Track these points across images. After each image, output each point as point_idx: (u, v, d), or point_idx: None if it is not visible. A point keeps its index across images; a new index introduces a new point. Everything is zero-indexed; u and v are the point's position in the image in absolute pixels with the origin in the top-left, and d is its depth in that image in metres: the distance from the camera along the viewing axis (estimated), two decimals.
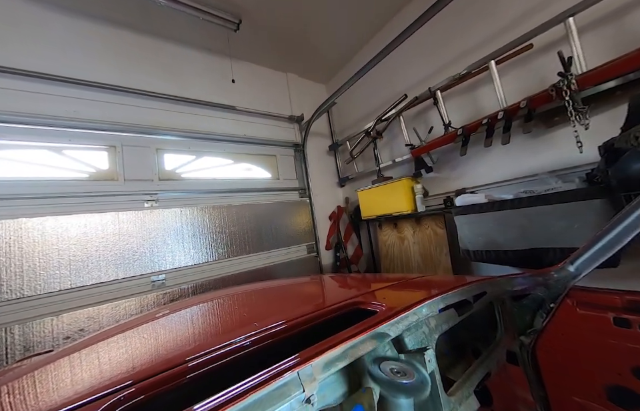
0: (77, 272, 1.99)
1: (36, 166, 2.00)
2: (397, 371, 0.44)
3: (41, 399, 0.58)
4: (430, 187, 2.62)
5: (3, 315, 1.74)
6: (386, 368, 0.44)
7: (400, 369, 0.44)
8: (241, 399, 0.39)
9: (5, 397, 0.63)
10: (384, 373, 0.43)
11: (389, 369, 0.44)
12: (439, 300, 0.75)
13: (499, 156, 2.10)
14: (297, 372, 0.45)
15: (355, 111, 3.51)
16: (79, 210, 2.06)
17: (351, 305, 0.85)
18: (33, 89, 2.02)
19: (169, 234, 2.40)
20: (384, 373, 0.43)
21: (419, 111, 2.65)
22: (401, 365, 0.45)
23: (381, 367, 0.44)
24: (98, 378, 0.62)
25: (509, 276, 1.00)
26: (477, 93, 2.21)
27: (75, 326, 1.92)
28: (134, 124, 2.39)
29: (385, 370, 0.44)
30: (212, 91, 2.90)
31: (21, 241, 1.84)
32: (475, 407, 0.77)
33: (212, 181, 2.79)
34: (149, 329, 0.95)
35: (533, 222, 1.62)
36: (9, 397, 0.63)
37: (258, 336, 0.69)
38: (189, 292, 2.41)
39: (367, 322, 0.63)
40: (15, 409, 0.57)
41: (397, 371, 0.44)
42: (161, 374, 0.56)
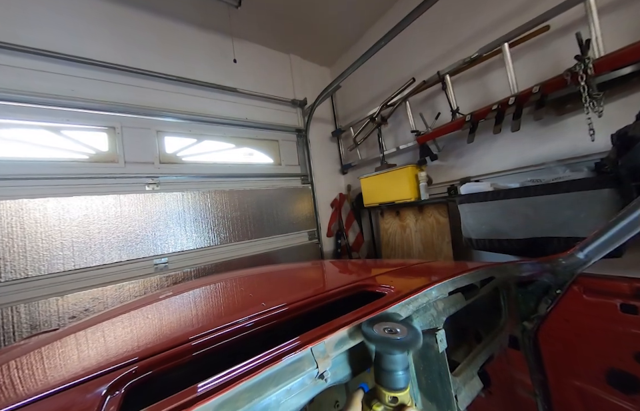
0: (80, 254, 1.99)
1: (36, 146, 1.97)
2: (389, 330, 0.46)
3: (49, 374, 0.58)
4: (434, 175, 2.59)
5: (9, 294, 1.75)
6: (380, 328, 0.46)
7: (392, 328, 0.46)
8: (255, 374, 0.39)
9: (14, 371, 0.63)
10: (377, 332, 0.45)
11: (382, 329, 0.46)
12: (448, 283, 0.75)
13: (507, 144, 2.07)
14: (310, 349, 0.45)
15: (360, 96, 3.42)
16: (80, 192, 2.04)
17: (357, 287, 0.85)
18: (31, 66, 1.95)
19: (170, 218, 2.39)
20: (378, 332, 0.45)
21: (426, 97, 2.59)
22: (393, 325, 0.47)
23: (374, 328, 0.46)
24: (106, 354, 0.62)
25: (516, 262, 1.00)
26: (487, 78, 2.15)
27: (80, 306, 1.94)
28: (133, 104, 2.34)
29: (379, 329, 0.46)
30: (213, 71, 2.82)
31: (23, 222, 1.83)
32: (478, 387, 0.79)
33: (213, 165, 2.76)
34: (156, 308, 0.95)
35: (538, 211, 1.61)
36: (18, 372, 0.63)
37: (266, 316, 0.69)
38: (192, 276, 2.43)
39: (378, 302, 0.63)
40: (25, 382, 0.57)
41: (390, 330, 0.46)
42: (172, 350, 0.56)
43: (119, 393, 0.44)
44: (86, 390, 0.46)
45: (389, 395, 0.41)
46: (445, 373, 0.60)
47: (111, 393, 0.44)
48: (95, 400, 0.42)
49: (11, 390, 0.54)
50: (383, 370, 0.42)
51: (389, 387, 0.41)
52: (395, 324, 0.47)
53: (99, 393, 0.44)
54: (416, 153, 2.61)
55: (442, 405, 0.62)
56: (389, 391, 0.41)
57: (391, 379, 0.41)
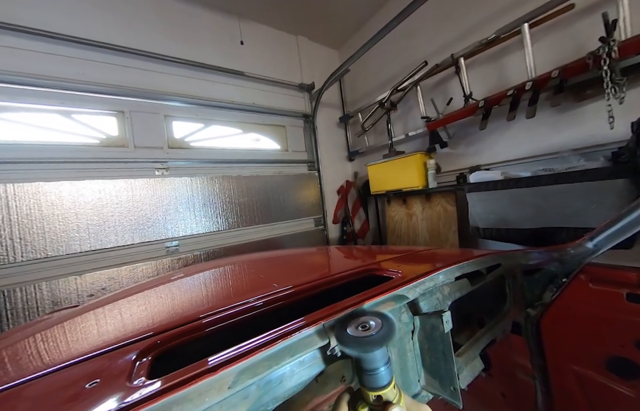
0: (96, 236, 2.07)
1: (49, 131, 2.01)
2: (363, 327, 0.43)
3: (83, 342, 0.63)
4: (443, 164, 2.56)
5: (31, 273, 1.85)
6: (353, 326, 0.44)
7: (365, 323, 0.44)
8: (273, 345, 0.42)
9: (40, 343, 0.69)
10: (350, 333, 0.42)
11: (355, 327, 0.43)
12: (455, 269, 0.76)
13: (520, 132, 2.02)
14: (323, 324, 0.47)
15: (369, 81, 3.34)
16: (92, 176, 2.10)
17: (366, 271, 0.87)
18: (38, 48, 1.96)
19: (180, 202, 2.45)
20: (350, 333, 0.43)
21: (438, 82, 2.51)
22: (365, 319, 0.44)
23: (347, 329, 0.43)
24: (130, 327, 0.66)
25: (524, 250, 1.00)
26: (503, 62, 2.07)
27: (98, 285, 2.04)
28: (141, 88, 2.35)
29: (352, 328, 0.43)
30: (220, 54, 2.79)
31: (40, 204, 1.90)
32: (479, 368, 0.83)
33: (221, 150, 2.78)
34: (174, 287, 1.00)
35: (549, 201, 1.59)
36: (44, 344, 0.69)
37: (279, 296, 0.72)
38: (201, 259, 2.51)
39: (387, 285, 0.66)
40: (63, 348, 0.62)
41: (363, 326, 0.43)
42: (191, 324, 0.60)
43: (147, 360, 0.48)
44: (117, 356, 0.50)
45: (373, 395, 0.40)
46: (448, 353, 0.63)
47: (140, 360, 0.48)
48: (127, 364, 0.46)
49: (52, 354, 0.59)
50: (363, 371, 0.40)
51: (371, 387, 0.40)
52: (367, 318, 0.45)
53: (129, 359, 0.48)
54: (425, 140, 2.57)
55: (445, 382, 0.65)
56: (373, 391, 0.40)
57: (372, 379, 0.40)
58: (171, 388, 0.34)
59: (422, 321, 0.69)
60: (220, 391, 0.36)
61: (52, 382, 0.46)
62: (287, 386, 0.46)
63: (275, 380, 0.44)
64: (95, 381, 0.42)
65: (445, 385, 0.66)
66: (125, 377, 0.42)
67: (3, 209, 1.78)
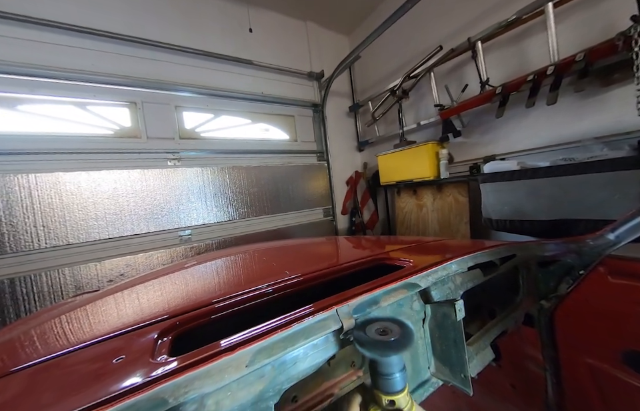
0: (113, 224, 2.15)
1: (66, 122, 2.08)
2: (381, 331, 0.44)
3: (107, 323, 0.67)
4: (456, 153, 2.49)
5: (55, 259, 1.95)
6: (372, 329, 0.44)
7: (384, 328, 0.44)
8: (288, 327, 0.43)
9: (69, 323, 0.73)
10: (369, 336, 0.43)
11: (374, 330, 0.44)
12: (468, 259, 0.75)
13: (539, 120, 1.93)
14: (336, 310, 0.48)
15: (380, 68, 3.25)
16: (108, 166, 2.16)
17: (376, 260, 0.87)
18: (57, 40, 2.01)
19: (192, 192, 2.50)
20: (369, 335, 0.43)
21: (453, 67, 2.42)
22: (384, 325, 0.45)
23: (366, 331, 0.44)
24: (150, 310, 0.69)
25: (540, 242, 0.98)
26: (524, 45, 1.96)
27: (116, 271, 2.13)
28: (152, 79, 2.37)
29: (371, 332, 0.44)
30: (229, 42, 2.77)
31: (61, 194, 1.98)
32: (490, 357, 0.83)
33: (231, 141, 2.80)
34: (192, 272, 1.03)
35: (568, 192, 1.54)
36: (72, 324, 0.73)
37: (292, 282, 0.74)
38: (213, 247, 2.57)
39: (398, 273, 0.66)
40: (78, 332, 0.66)
41: (382, 331, 0.44)
42: (209, 307, 0.62)
43: (167, 339, 0.51)
44: (140, 336, 0.53)
45: (386, 399, 0.40)
46: (460, 341, 0.63)
47: (161, 339, 0.51)
48: (149, 343, 0.48)
49: (80, 333, 0.63)
50: (379, 374, 0.41)
51: (386, 391, 0.40)
52: (385, 323, 0.45)
53: (151, 338, 0.50)
54: (438, 129, 2.50)
55: (455, 370, 0.66)
56: (386, 395, 0.40)
57: (387, 383, 0.40)
58: (193, 364, 0.36)
59: (433, 310, 0.69)
60: (238, 369, 0.38)
61: (82, 357, 0.49)
62: (300, 368, 0.47)
63: (289, 361, 0.46)
64: (120, 357, 0.44)
65: (455, 373, 0.66)
66: (149, 354, 0.44)
67: (26, 199, 1.87)
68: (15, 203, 1.84)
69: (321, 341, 0.49)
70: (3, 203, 1.81)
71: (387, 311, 0.62)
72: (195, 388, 0.35)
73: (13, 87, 1.88)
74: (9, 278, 1.81)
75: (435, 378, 0.71)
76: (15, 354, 0.58)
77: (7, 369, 0.47)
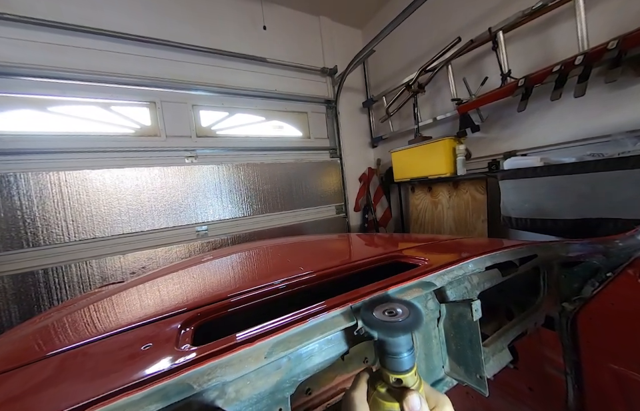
0: (135, 219, 2.26)
1: (91, 122, 2.19)
2: (389, 312, 0.43)
3: (132, 312, 0.71)
4: (474, 149, 2.41)
5: (83, 251, 2.09)
6: (380, 311, 0.44)
7: (392, 309, 0.44)
8: (305, 322, 0.44)
9: (98, 312, 0.78)
10: (378, 317, 0.43)
11: (382, 311, 0.44)
12: (486, 258, 0.73)
13: (564, 113, 1.83)
14: (350, 306, 0.49)
15: (395, 62, 3.18)
16: (130, 164, 2.27)
17: (390, 258, 0.87)
18: (83, 44, 2.12)
19: (208, 189, 2.58)
20: (377, 316, 0.43)
21: (472, 59, 2.33)
22: (392, 306, 0.44)
23: (374, 312, 0.44)
24: (172, 301, 0.73)
25: (564, 241, 0.93)
26: (549, 34, 1.85)
27: (138, 264, 2.25)
28: (170, 79, 2.45)
29: (379, 313, 0.44)
30: (243, 40, 2.81)
31: (87, 190, 2.10)
32: (507, 359, 0.80)
33: (245, 138, 2.85)
34: (211, 266, 1.08)
35: (596, 190, 1.46)
36: (101, 313, 0.78)
37: (304, 279, 0.75)
38: (228, 242, 2.64)
39: (413, 271, 0.65)
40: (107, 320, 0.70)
41: (390, 312, 0.43)
42: (228, 299, 0.65)
43: (190, 330, 0.54)
44: (164, 325, 0.56)
45: (393, 377, 0.40)
46: (476, 341, 0.62)
47: (184, 329, 0.54)
48: (173, 332, 0.51)
49: (109, 322, 0.67)
50: (386, 353, 0.41)
51: (393, 370, 0.40)
52: (393, 304, 0.45)
53: (175, 327, 0.53)
54: (455, 124, 2.42)
55: (470, 370, 0.65)
56: (393, 373, 0.40)
57: (395, 362, 0.40)
58: (215, 354, 0.38)
59: (449, 309, 0.68)
60: (257, 360, 0.40)
61: (112, 343, 0.53)
62: (315, 361, 0.48)
63: (305, 355, 0.47)
64: (148, 344, 0.47)
65: (470, 373, 0.65)
66: (173, 343, 0.47)
67: (57, 195, 2.00)
68: (47, 199, 1.97)
69: (336, 337, 0.50)
70: (37, 199, 1.95)
71: None
72: (217, 376, 0.37)
73: (45, 89, 2.01)
74: (43, 269, 1.96)
75: (449, 377, 0.70)
76: (50, 340, 0.63)
77: (43, 354, 0.52)
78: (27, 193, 1.92)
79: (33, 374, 0.46)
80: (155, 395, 0.33)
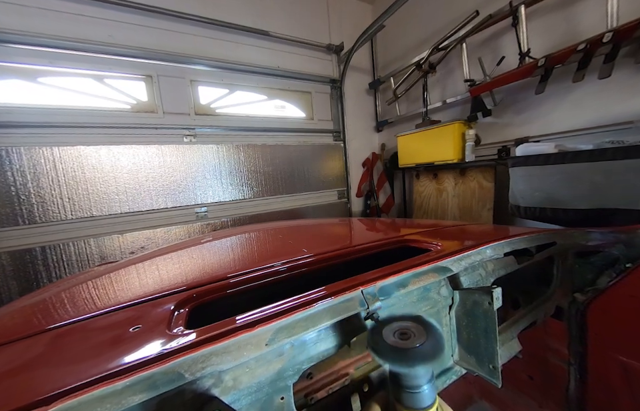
0: (133, 199, 2.20)
1: (85, 96, 2.09)
2: (401, 334, 0.35)
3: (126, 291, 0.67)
4: (483, 135, 2.31)
5: (81, 230, 2.05)
6: (389, 333, 0.35)
7: (405, 329, 0.35)
8: (309, 307, 0.40)
9: (89, 291, 0.74)
10: (387, 341, 0.34)
11: (392, 334, 0.35)
12: (504, 244, 0.69)
13: (584, 97, 1.72)
14: (361, 290, 0.45)
15: (405, 39, 3.01)
16: (126, 141, 2.18)
17: (402, 241, 0.82)
18: (72, 10, 1.98)
19: (207, 170, 2.50)
20: (387, 340, 0.34)
21: (488, 37, 2.18)
22: (403, 325, 0.36)
23: (383, 335, 0.35)
24: (168, 281, 0.69)
25: (584, 230, 0.88)
26: (574, 10, 1.72)
27: (137, 244, 2.21)
28: (167, 51, 2.32)
29: (388, 336, 0.35)
30: (245, 10, 2.65)
31: (83, 167, 2.04)
32: (516, 349, 0.78)
33: (246, 118, 2.75)
34: (209, 247, 1.03)
35: (613, 179, 1.39)
36: (92, 291, 0.74)
37: (310, 260, 0.70)
38: (228, 225, 2.60)
39: (427, 256, 0.61)
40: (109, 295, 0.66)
41: (402, 333, 0.35)
42: (226, 281, 0.60)
43: (184, 311, 0.49)
44: (156, 305, 0.51)
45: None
46: (492, 331, 0.58)
47: (178, 310, 0.49)
48: (166, 313, 0.47)
49: (99, 301, 0.63)
50: (401, 387, 0.33)
51: (410, 407, 0.33)
52: (405, 324, 0.36)
53: (168, 308, 0.49)
54: (465, 108, 2.32)
55: (482, 360, 0.62)
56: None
57: (413, 399, 0.33)
58: (211, 339, 0.34)
59: (462, 297, 0.64)
60: (257, 348, 0.35)
61: (100, 324, 0.49)
62: (321, 348, 0.45)
63: (310, 341, 0.44)
64: (137, 326, 0.43)
65: (482, 363, 0.62)
66: (165, 325, 0.42)
67: (51, 171, 1.94)
68: (41, 175, 1.91)
69: (343, 322, 0.46)
70: (31, 175, 1.88)
71: (413, 295, 0.58)
72: (212, 364, 0.33)
73: (33, 58, 1.90)
74: (40, 246, 1.92)
75: (459, 366, 0.67)
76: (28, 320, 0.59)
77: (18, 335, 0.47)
78: (20, 169, 1.85)
79: (6, 356, 0.42)
80: (140, 384, 0.29)
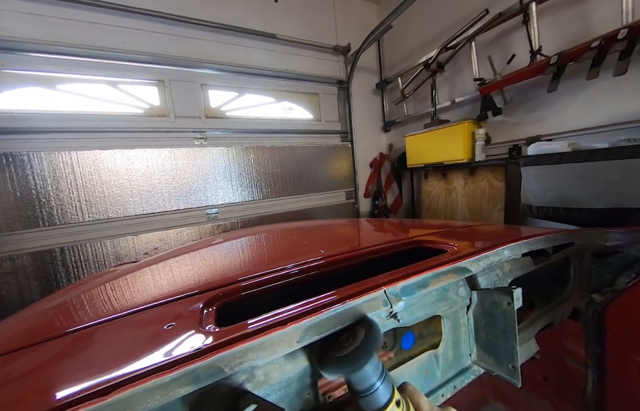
0: (146, 201, 2.26)
1: (100, 101, 2.16)
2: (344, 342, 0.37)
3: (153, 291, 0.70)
4: (494, 134, 2.29)
5: (97, 231, 2.11)
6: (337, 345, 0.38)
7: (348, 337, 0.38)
8: (337, 305, 0.41)
9: (110, 291, 0.77)
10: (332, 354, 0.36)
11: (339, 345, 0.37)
12: (522, 245, 0.69)
13: (598, 94, 1.69)
14: (384, 290, 0.46)
15: (412, 39, 3.00)
16: (140, 145, 2.24)
17: (418, 242, 0.83)
18: (88, 18, 2.06)
19: (218, 172, 2.55)
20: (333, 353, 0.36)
21: (498, 35, 2.16)
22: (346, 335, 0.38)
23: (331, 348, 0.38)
24: (193, 280, 0.71)
25: (602, 230, 0.87)
26: (587, 6, 1.70)
27: (151, 245, 2.27)
28: (178, 56, 2.38)
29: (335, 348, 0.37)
30: (253, 14, 2.69)
31: (99, 171, 2.10)
32: (534, 350, 0.78)
33: (255, 120, 2.79)
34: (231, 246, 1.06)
35: (629, 178, 1.36)
36: (119, 291, 0.77)
37: (329, 261, 0.72)
38: (239, 226, 2.64)
39: (445, 257, 0.62)
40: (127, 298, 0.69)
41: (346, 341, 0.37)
42: (249, 281, 0.62)
43: (213, 310, 0.51)
44: (185, 305, 0.54)
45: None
46: (511, 331, 0.59)
47: (206, 308, 0.51)
48: (195, 312, 0.49)
49: (130, 299, 0.66)
50: (357, 393, 0.35)
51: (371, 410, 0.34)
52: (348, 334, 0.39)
53: (197, 307, 0.51)
54: (474, 107, 2.30)
55: (501, 359, 0.63)
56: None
57: (370, 401, 0.34)
58: (246, 336, 0.35)
59: (481, 297, 0.65)
60: (290, 344, 0.37)
61: (134, 321, 0.51)
62: None
63: None
64: (171, 324, 0.45)
65: (500, 363, 0.63)
66: (197, 323, 0.44)
67: (70, 175, 2.01)
68: (60, 178, 1.98)
69: None
70: (51, 179, 1.96)
71: (432, 295, 0.59)
72: (248, 360, 0.34)
73: (52, 66, 1.98)
74: (60, 247, 1.99)
75: (477, 366, 0.68)
76: (70, 316, 0.62)
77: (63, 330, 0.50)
78: (41, 173, 1.93)
79: (55, 349, 0.45)
80: (185, 377, 0.31)
